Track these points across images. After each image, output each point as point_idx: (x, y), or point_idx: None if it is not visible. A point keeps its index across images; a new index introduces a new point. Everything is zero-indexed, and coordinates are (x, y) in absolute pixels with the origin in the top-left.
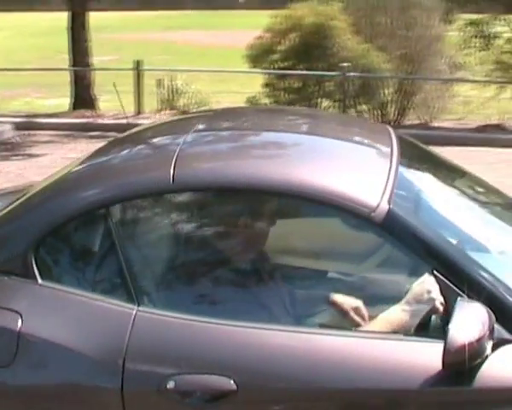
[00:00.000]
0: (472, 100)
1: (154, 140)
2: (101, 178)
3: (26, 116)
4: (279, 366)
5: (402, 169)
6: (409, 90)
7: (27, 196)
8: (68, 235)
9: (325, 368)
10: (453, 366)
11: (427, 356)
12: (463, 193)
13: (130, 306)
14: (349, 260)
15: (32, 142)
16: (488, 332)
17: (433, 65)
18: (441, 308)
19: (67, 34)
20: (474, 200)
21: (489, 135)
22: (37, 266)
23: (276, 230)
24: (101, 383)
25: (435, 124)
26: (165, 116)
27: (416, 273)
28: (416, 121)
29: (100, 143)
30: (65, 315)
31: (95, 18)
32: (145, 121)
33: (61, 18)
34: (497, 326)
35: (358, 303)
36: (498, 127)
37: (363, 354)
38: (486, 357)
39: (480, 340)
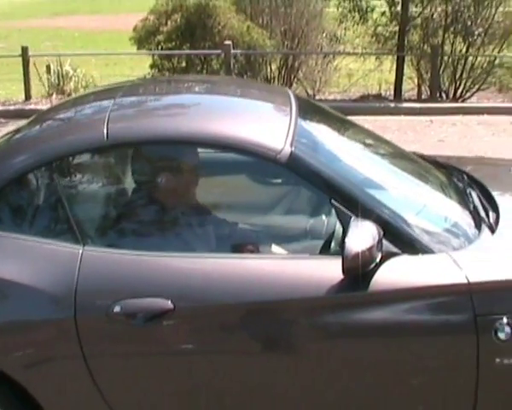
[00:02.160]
0: (354, 73)
1: (84, 107)
2: (41, 141)
3: None
4: (208, 286)
5: (301, 121)
6: (293, 65)
7: None
8: (18, 190)
9: (247, 285)
10: (350, 271)
11: (329, 269)
12: (354, 140)
13: (77, 246)
14: (260, 197)
15: None
16: (377, 243)
17: (315, 40)
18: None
19: None
20: (362, 145)
21: (368, 104)
22: None
23: (200, 175)
24: (57, 316)
25: (319, 97)
26: (55, 101)
27: (316, 204)
28: (301, 95)
29: None
30: (21, 259)
31: None
32: (35, 106)
33: None
34: (385, 242)
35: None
36: (378, 97)
37: (278, 272)
38: (376, 266)
39: (371, 249)
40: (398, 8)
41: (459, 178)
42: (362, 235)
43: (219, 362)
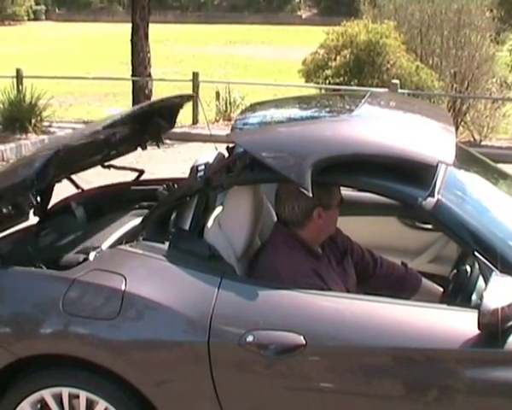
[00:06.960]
0: None
1: None
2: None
3: (87, 123)
4: (341, 325)
5: (452, 168)
6: (460, 108)
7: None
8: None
9: (380, 330)
10: (487, 327)
11: (467, 323)
12: (507, 192)
13: (217, 275)
14: (407, 241)
15: None
16: None
17: (484, 84)
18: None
19: (131, 45)
20: None
21: None
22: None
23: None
24: (192, 338)
25: (486, 142)
26: (221, 127)
27: (460, 254)
28: (467, 139)
29: (153, 150)
30: (163, 281)
31: (156, 30)
32: (201, 131)
33: (124, 29)
34: None
35: None
36: None
37: (414, 319)
38: None
39: (510, 306)
40: None
41: None
42: (502, 291)
43: (347, 403)
